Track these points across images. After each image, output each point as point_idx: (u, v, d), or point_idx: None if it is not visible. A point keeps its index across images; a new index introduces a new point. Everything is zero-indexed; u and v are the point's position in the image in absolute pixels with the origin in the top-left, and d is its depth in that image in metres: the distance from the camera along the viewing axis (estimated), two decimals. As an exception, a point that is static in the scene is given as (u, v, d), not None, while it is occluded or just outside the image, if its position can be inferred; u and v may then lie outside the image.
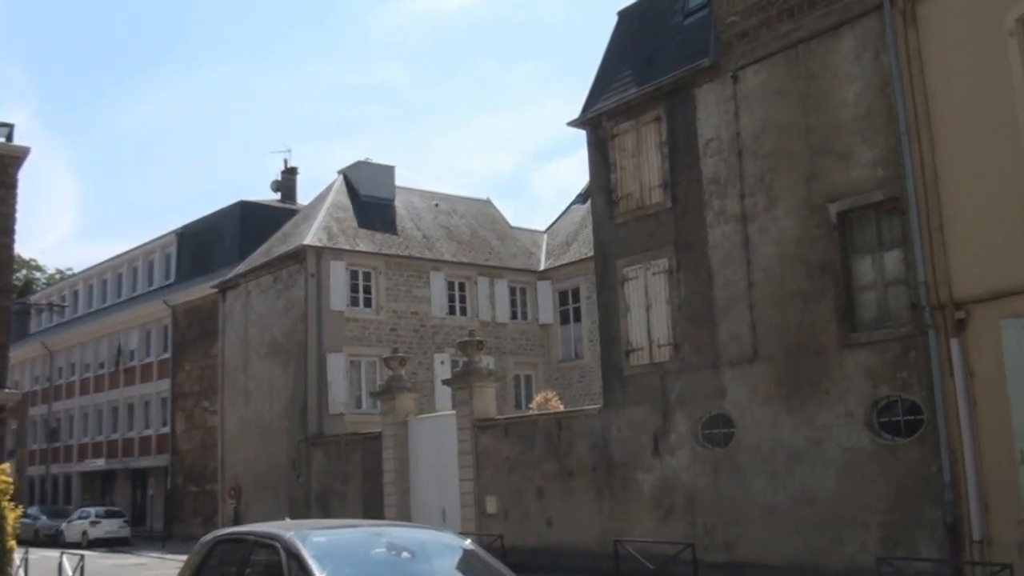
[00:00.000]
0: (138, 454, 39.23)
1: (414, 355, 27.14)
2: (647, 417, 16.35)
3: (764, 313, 14.68)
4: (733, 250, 15.24)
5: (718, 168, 15.62)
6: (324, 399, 25.81)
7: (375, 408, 25.48)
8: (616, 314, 17.16)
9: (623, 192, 17.25)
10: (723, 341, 15.26)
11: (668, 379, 16.07)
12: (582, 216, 31.45)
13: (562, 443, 17.90)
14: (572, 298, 30.08)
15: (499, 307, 29.85)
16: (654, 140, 16.77)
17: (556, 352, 30.21)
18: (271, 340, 27.79)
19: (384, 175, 30.82)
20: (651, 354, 16.42)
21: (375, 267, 27.60)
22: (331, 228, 27.64)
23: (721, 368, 15.25)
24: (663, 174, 16.55)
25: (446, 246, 29.84)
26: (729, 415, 15.15)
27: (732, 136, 15.42)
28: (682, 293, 16.04)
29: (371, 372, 27.00)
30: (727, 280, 15.30)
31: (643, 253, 16.74)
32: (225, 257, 35.39)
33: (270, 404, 27.51)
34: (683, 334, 15.93)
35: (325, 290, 26.38)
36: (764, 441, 14.54)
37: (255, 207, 36.46)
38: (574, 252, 30.38)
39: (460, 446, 19.85)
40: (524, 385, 29.90)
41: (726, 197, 15.44)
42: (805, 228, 14.21)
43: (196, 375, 35.29)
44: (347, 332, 26.59)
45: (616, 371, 17.05)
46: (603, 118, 17.71)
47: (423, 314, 28.14)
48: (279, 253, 28.02)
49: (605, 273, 17.60)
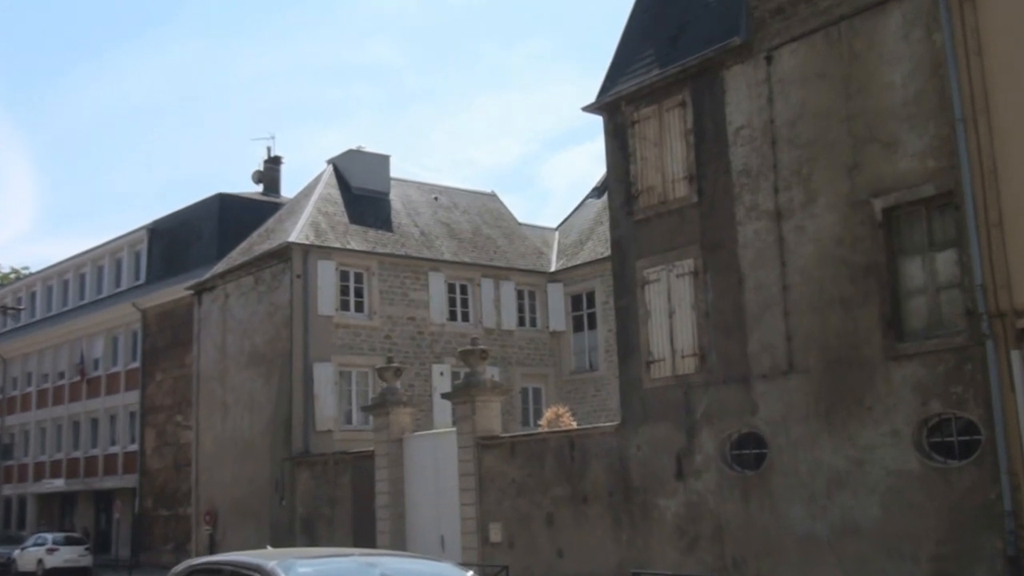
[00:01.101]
0: (102, 474, 39.34)
1: (410, 365, 27.19)
2: (670, 436, 16.35)
3: (801, 320, 14.68)
4: (766, 250, 15.24)
5: (750, 159, 15.62)
6: (310, 414, 25.89)
7: (367, 424, 25.53)
8: (635, 321, 17.15)
9: (644, 185, 17.27)
10: (755, 351, 15.26)
11: (693, 394, 16.07)
12: (598, 212, 31.49)
13: (575, 464, 17.90)
14: (586, 303, 30.09)
15: (505, 312, 29.91)
16: (678, 127, 16.79)
17: (568, 363, 30.24)
18: (252, 348, 27.88)
19: (378, 165, 30.91)
20: (674, 365, 16.43)
21: (368, 267, 27.68)
22: (319, 224, 27.72)
23: (752, 382, 15.24)
24: (688, 165, 16.56)
25: (446, 244, 29.91)
26: (761, 434, 15.14)
27: (765, 123, 15.42)
28: (709, 298, 16.04)
29: (363, 384, 27.07)
30: (759, 283, 15.31)
31: (666, 253, 16.75)
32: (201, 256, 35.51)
33: (250, 419, 27.59)
34: (710, 343, 15.93)
35: (312, 293, 26.47)
36: (801, 463, 14.53)
37: (235, 200, 36.59)
38: (589, 252, 30.40)
39: (461, 467, 19.87)
40: (532, 399, 29.96)
41: (758, 191, 15.44)
42: (847, 226, 14.21)
43: (168, 386, 35.38)
44: (336, 339, 26.67)
45: (635, 384, 17.06)
46: (622, 103, 17.72)
47: (421, 320, 28.20)
48: (261, 251, 28.12)
49: (623, 275, 17.61)
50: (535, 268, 31.11)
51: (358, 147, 31.09)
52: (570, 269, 30.59)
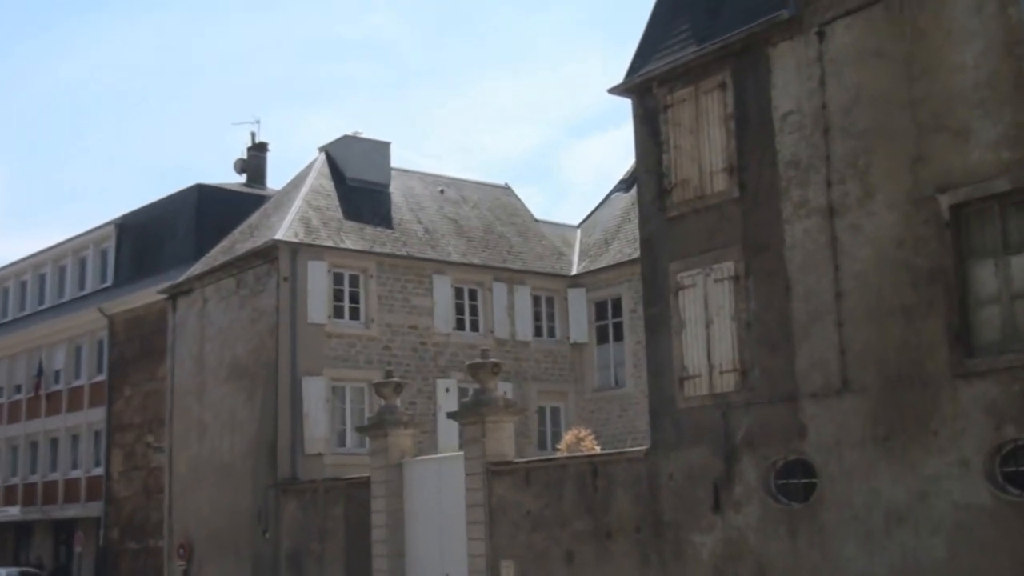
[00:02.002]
0: (63, 501, 39.51)
1: (412, 380, 27.21)
2: (706, 463, 16.33)
3: (856, 332, 14.65)
4: (817, 252, 15.23)
5: (798, 148, 15.62)
6: (298, 435, 25.94)
7: (362, 447, 25.55)
8: (667, 332, 17.15)
9: (678, 177, 17.27)
10: (803, 367, 15.24)
11: (733, 415, 16.05)
12: (625, 207, 31.48)
13: (598, 494, 17.89)
14: (612, 311, 30.10)
15: (519, 321, 29.94)
16: (718, 112, 16.78)
17: (591, 379, 30.26)
18: (233, 360, 27.99)
19: (376, 153, 30.99)
20: (711, 383, 16.42)
21: (364, 269, 27.74)
22: (309, 219, 27.84)
23: (800, 402, 15.22)
24: (728, 155, 16.55)
25: (453, 244, 29.99)
26: (810, 461, 15.12)
27: (816, 108, 15.41)
28: (751, 306, 16.03)
29: (358, 401, 27.12)
30: (809, 290, 15.30)
31: (703, 255, 16.74)
32: (176, 255, 35.67)
33: (230, 440, 27.69)
34: (752, 358, 15.92)
35: (301, 297, 26.55)
36: (855, 495, 14.49)
37: (214, 192, 36.74)
38: (615, 253, 30.43)
39: (469, 496, 19.87)
40: (551, 420, 29.94)
41: (808, 185, 15.45)
42: (909, 225, 14.19)
43: (138, 403, 35.55)
44: (328, 351, 26.75)
45: (667, 404, 17.04)
46: (653, 84, 17.73)
47: (424, 329, 28.26)
48: (244, 250, 28.22)
49: (654, 279, 17.60)
50: (554, 271, 31.12)
51: (354, 133, 31.16)
52: (593, 272, 30.62)
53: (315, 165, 30.48)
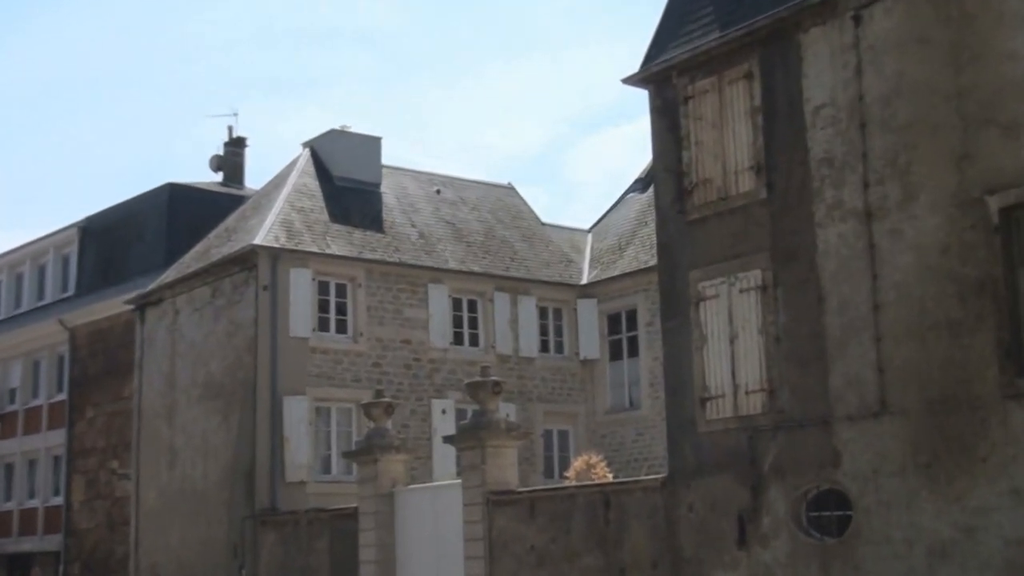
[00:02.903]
0: (17, 534, 39.50)
1: (405, 400, 27.26)
2: (730, 492, 16.33)
3: (895, 349, 14.67)
4: (853, 260, 15.26)
5: (832, 145, 15.65)
6: (279, 461, 25.93)
7: (349, 474, 25.52)
8: (687, 347, 17.15)
9: (700, 177, 17.30)
10: (837, 387, 15.26)
11: (760, 440, 16.06)
12: (641, 210, 31.48)
13: (610, 527, 17.88)
14: (627, 324, 30.10)
15: (524, 335, 29.95)
16: (743, 105, 16.81)
17: (603, 399, 30.27)
18: (207, 378, 28.02)
19: (366, 150, 31.02)
20: (736, 404, 16.43)
21: (352, 277, 27.78)
22: (292, 222, 27.90)
23: (834, 425, 15.24)
24: (755, 152, 16.59)
25: (451, 249, 30.04)
26: (845, 491, 15.12)
27: (852, 100, 15.44)
28: (780, 319, 16.05)
29: (345, 424, 27.12)
30: (844, 302, 15.31)
31: (727, 262, 16.76)
32: (145, 261, 35.66)
33: (204, 467, 27.70)
34: (781, 377, 15.94)
35: (283, 308, 26.56)
36: (894, 529, 14.49)
37: (187, 192, 36.71)
38: (629, 260, 30.47)
39: (468, 529, 19.89)
40: (558, 445, 29.90)
41: (843, 185, 15.47)
42: (955, 230, 14.20)
43: (102, 425, 35.54)
44: (312, 367, 26.77)
45: (687, 427, 17.05)
46: (672, 73, 17.76)
47: (418, 344, 28.27)
48: (220, 257, 28.27)
49: (672, 289, 17.61)
50: (562, 280, 31.11)
51: (342, 127, 31.14)
52: (606, 282, 30.62)
53: (298, 162, 30.49)
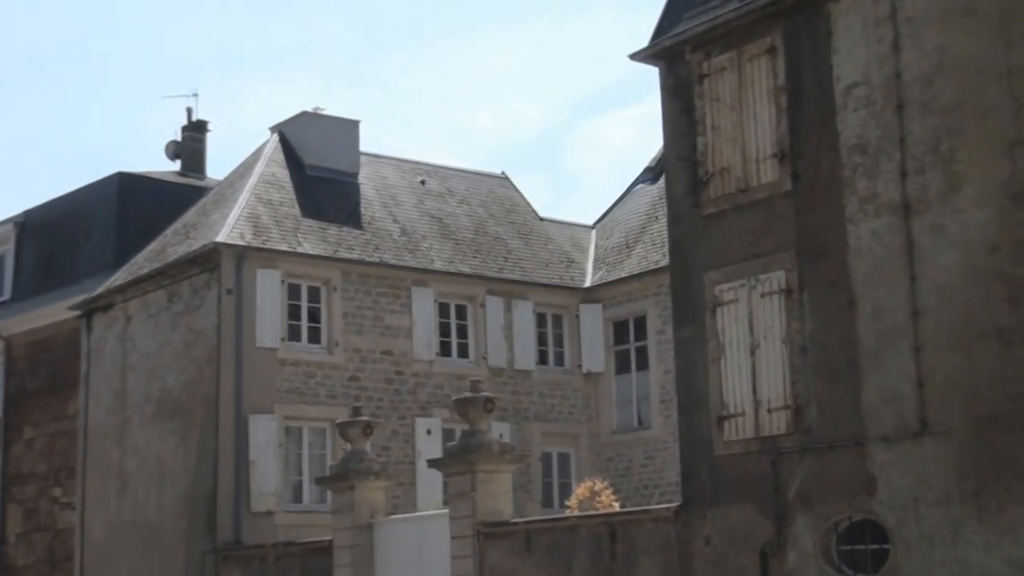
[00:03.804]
0: (-50, 569, 39.33)
1: (386, 419, 27.15)
2: (751, 523, 16.29)
3: (938, 360, 14.63)
4: (889, 260, 15.21)
5: (866, 129, 15.61)
6: (243, 487, 25.80)
7: (323, 503, 25.46)
8: (703, 359, 17.14)
9: (716, 165, 17.27)
10: (872, 404, 15.22)
11: (784, 463, 16.03)
12: (650, 203, 31.49)
13: (617, 563, 17.85)
14: (635, 332, 30.06)
15: (520, 345, 29.87)
16: (766, 84, 16.80)
17: (609, 418, 30.23)
18: (163, 394, 27.92)
19: (342, 135, 31.00)
20: (758, 423, 16.41)
21: (327, 280, 27.72)
22: (259, 217, 27.84)
23: (869, 447, 15.19)
24: (779, 137, 16.57)
25: (437, 248, 29.98)
26: (881, 522, 15.08)
27: (889, 79, 15.38)
28: (807, 326, 16.03)
29: (318, 445, 27.06)
30: (879, 307, 15.27)
31: (747, 262, 16.75)
32: (92, 261, 35.46)
33: (159, 495, 27.57)
34: (808, 392, 15.91)
35: (248, 315, 26.51)
36: (938, 565, 14.43)
37: (140, 182, 36.46)
38: (638, 260, 30.45)
39: (456, 565, 19.86)
40: (558, 469, 29.84)
41: (878, 175, 15.41)
42: (1006, 225, 14.16)
43: (42, 447, 35.34)
44: (282, 382, 26.70)
45: (702, 449, 17.04)
46: (686, 48, 17.74)
47: (400, 355, 28.20)
48: (177, 256, 28.17)
49: (686, 293, 17.60)
50: (562, 282, 31.07)
51: (315, 109, 31.13)
52: (612, 284, 30.60)
53: (266, 149, 30.44)
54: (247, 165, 30.71)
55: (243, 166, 31.06)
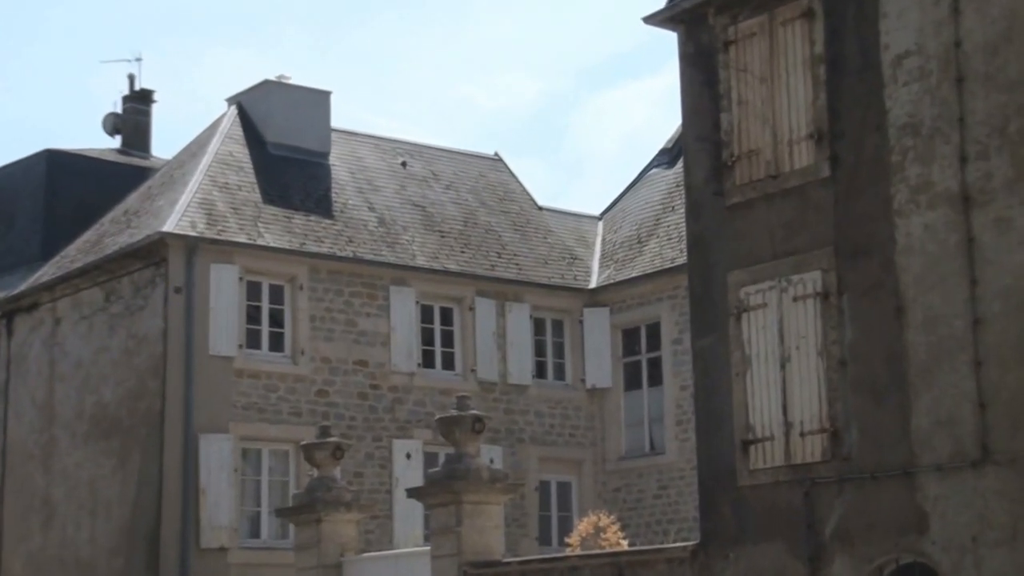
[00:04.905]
0: None
1: (359, 441, 27.24)
2: (781, 565, 16.31)
3: (1002, 377, 14.59)
4: (944, 259, 15.17)
5: (919, 106, 15.55)
6: (191, 520, 25.78)
7: (284, 538, 25.55)
8: (725, 373, 17.17)
9: (743, 147, 17.27)
10: (923, 427, 15.18)
11: (821, 496, 16.01)
12: (666, 191, 31.65)
13: (624, 610, 17.87)
14: (647, 341, 30.18)
15: (515, 355, 29.96)
16: (801, 53, 16.80)
17: (617, 441, 30.34)
18: (98, 409, 27.89)
19: (311, 108, 31.22)
20: (789, 449, 16.40)
21: (292, 277, 27.79)
22: (213, 204, 27.86)
23: (919, 477, 15.15)
24: (816, 115, 16.56)
25: (420, 240, 30.05)
26: (934, 566, 15.03)
27: (946, 48, 15.33)
28: (847, 336, 16.01)
29: (279, 471, 27.17)
30: (932, 313, 15.23)
31: (777, 260, 16.76)
32: (15, 253, 35.51)
33: (92, 527, 27.54)
34: (848, 413, 15.88)
35: (200, 318, 26.54)
36: (1000, 616, 14.45)
37: (73, 162, 36.48)
38: (651, 256, 30.55)
39: (437, 611, 19.87)
40: (557, 501, 30.00)
41: (932, 160, 15.36)
42: (1081, 220, 14.18)
43: (-45, 469, 35.32)
44: (238, 396, 26.74)
45: (725, 479, 17.05)
46: (709, 11, 17.76)
47: (376, 366, 28.29)
48: (117, 248, 28.18)
49: (707, 296, 17.65)
50: (564, 282, 31.19)
51: (279, 77, 31.29)
52: (620, 285, 30.72)
53: (222, 124, 30.55)
54: (200, 142, 30.76)
55: (195, 143, 31.10)
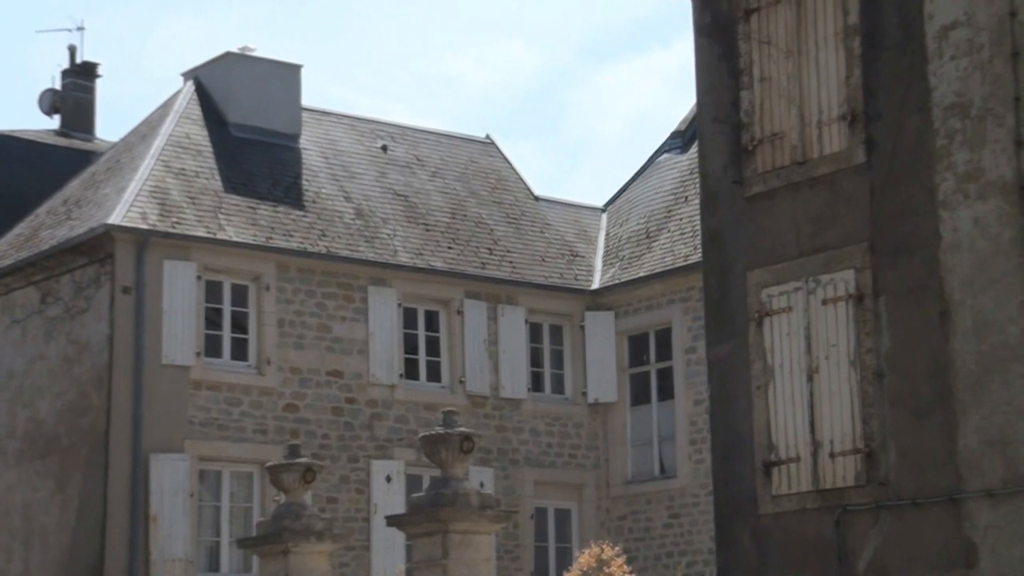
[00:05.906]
0: None
1: (333, 462, 27.33)
2: (808, 603, 16.29)
3: (1061, 391, 14.61)
4: (995, 256, 15.15)
5: (967, 84, 15.54)
6: (141, 551, 25.82)
7: (247, 572, 25.74)
8: (745, 386, 17.17)
9: (765, 131, 17.29)
10: (971, 448, 15.15)
11: (853, 525, 16.00)
12: (679, 179, 31.75)
13: (630, 653, 17.85)
14: (656, 349, 30.29)
15: (508, 365, 30.07)
16: (832, 23, 16.80)
17: (622, 462, 30.45)
18: (32, 425, 27.98)
19: (279, 84, 31.42)
20: (817, 471, 16.38)
21: (257, 276, 27.90)
22: (168, 193, 27.92)
23: (967, 505, 15.13)
24: (850, 94, 16.56)
25: (402, 235, 30.12)
26: (984, 605, 15.08)
27: (1000, 18, 15.30)
28: (884, 345, 16.00)
29: (242, 496, 27.29)
30: (982, 319, 15.22)
31: (804, 258, 16.77)
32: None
33: (25, 558, 27.65)
34: (885, 430, 15.86)
35: (153, 322, 26.59)
36: (1059, 664, 14.49)
37: (4, 144, 36.43)
38: (661, 253, 30.64)
39: (420, 654, 19.90)
40: (555, 530, 30.11)
41: (983, 144, 15.34)
42: None
43: None
44: (195, 411, 26.81)
45: (744, 505, 17.05)
46: (728, -25, 17.87)
47: (353, 376, 28.40)
48: (55, 243, 28.26)
49: (724, 299, 17.68)
50: (563, 282, 31.33)
51: (242, 49, 31.43)
52: (627, 286, 30.83)
53: (177, 102, 30.63)
54: (151, 123, 30.79)
55: (145, 124, 31.16)
